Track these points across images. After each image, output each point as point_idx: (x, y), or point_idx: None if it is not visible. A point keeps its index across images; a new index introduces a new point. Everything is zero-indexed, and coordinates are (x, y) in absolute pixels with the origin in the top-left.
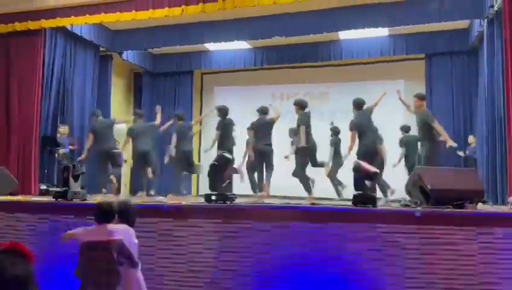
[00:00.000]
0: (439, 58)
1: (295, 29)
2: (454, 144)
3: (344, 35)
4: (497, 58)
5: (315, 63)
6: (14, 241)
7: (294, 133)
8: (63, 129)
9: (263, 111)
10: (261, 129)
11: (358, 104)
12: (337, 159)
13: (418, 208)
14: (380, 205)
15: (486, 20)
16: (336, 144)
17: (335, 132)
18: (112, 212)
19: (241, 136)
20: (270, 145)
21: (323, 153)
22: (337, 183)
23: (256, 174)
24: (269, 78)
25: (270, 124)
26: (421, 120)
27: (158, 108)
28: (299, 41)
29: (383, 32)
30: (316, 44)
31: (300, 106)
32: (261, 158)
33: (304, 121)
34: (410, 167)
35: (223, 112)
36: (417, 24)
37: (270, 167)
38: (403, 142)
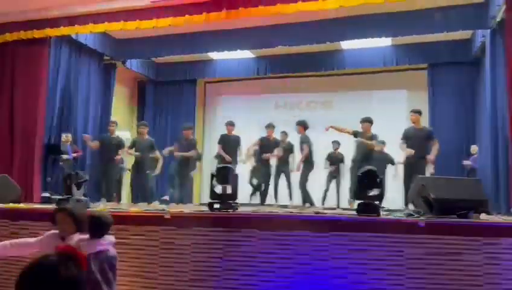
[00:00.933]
0: (442, 68)
1: (299, 38)
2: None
3: (347, 45)
4: (499, 69)
5: (318, 73)
6: (68, 246)
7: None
8: (66, 137)
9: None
10: None
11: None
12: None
13: (422, 218)
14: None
15: (489, 30)
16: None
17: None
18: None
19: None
20: None
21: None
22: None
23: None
24: (272, 88)
25: None
26: None
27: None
28: (302, 50)
29: (386, 42)
30: (320, 53)
31: (305, 127)
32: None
33: (308, 141)
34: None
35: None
36: (420, 34)
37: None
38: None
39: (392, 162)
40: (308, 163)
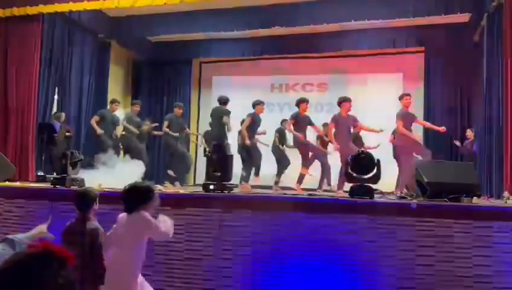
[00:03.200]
0: (439, 52)
1: (295, 19)
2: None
3: (344, 26)
4: (496, 53)
5: (314, 54)
6: (46, 243)
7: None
8: (60, 115)
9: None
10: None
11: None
12: None
13: (414, 201)
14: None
15: (486, 14)
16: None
17: None
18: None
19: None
20: None
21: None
22: None
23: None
24: (268, 69)
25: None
26: None
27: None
28: (298, 31)
29: (383, 24)
30: (316, 35)
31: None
32: None
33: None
34: None
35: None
36: (417, 17)
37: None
38: None
39: None
40: None
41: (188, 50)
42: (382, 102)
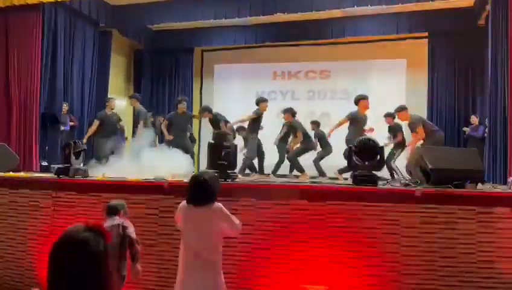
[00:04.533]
0: (442, 37)
1: (297, 5)
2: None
3: (347, 12)
4: (502, 38)
5: (317, 41)
6: (95, 221)
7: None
8: (64, 107)
9: None
10: None
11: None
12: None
13: (418, 187)
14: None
15: None
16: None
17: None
18: None
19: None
20: None
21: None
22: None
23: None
24: (270, 56)
25: None
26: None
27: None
28: (301, 18)
29: (386, 10)
30: (319, 21)
31: (293, 113)
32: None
33: (301, 127)
34: None
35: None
36: (421, 2)
37: None
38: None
39: None
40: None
41: (190, 38)
42: (385, 88)
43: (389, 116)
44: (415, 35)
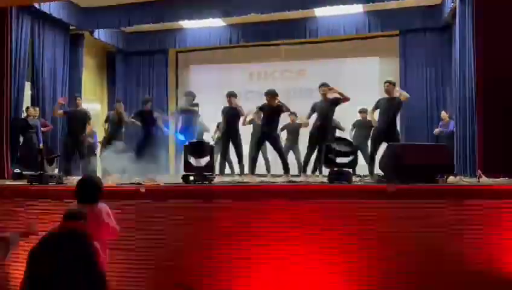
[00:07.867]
0: (413, 35)
1: (271, 5)
2: None
3: (320, 12)
4: (468, 35)
5: (292, 40)
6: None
7: None
8: (34, 111)
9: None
10: None
11: None
12: None
13: (391, 184)
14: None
15: None
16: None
17: None
18: None
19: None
20: None
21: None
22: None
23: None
24: (245, 56)
25: None
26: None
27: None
28: (275, 18)
29: (358, 8)
30: (292, 21)
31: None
32: None
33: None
34: None
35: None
36: (392, 1)
37: None
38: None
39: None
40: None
41: (164, 39)
42: (359, 86)
43: (363, 112)
44: (387, 33)
